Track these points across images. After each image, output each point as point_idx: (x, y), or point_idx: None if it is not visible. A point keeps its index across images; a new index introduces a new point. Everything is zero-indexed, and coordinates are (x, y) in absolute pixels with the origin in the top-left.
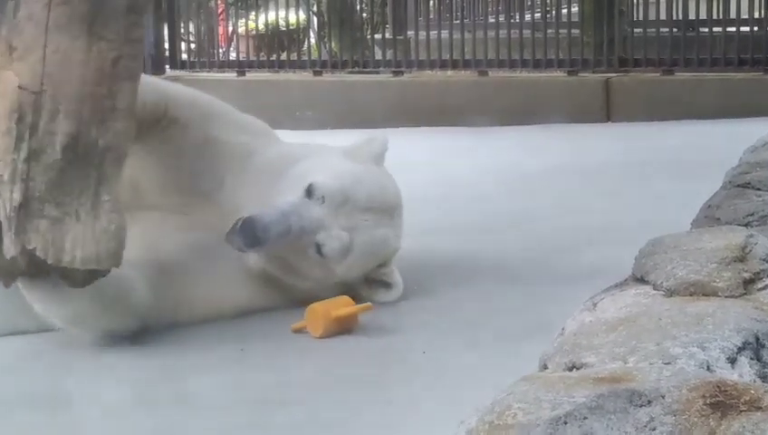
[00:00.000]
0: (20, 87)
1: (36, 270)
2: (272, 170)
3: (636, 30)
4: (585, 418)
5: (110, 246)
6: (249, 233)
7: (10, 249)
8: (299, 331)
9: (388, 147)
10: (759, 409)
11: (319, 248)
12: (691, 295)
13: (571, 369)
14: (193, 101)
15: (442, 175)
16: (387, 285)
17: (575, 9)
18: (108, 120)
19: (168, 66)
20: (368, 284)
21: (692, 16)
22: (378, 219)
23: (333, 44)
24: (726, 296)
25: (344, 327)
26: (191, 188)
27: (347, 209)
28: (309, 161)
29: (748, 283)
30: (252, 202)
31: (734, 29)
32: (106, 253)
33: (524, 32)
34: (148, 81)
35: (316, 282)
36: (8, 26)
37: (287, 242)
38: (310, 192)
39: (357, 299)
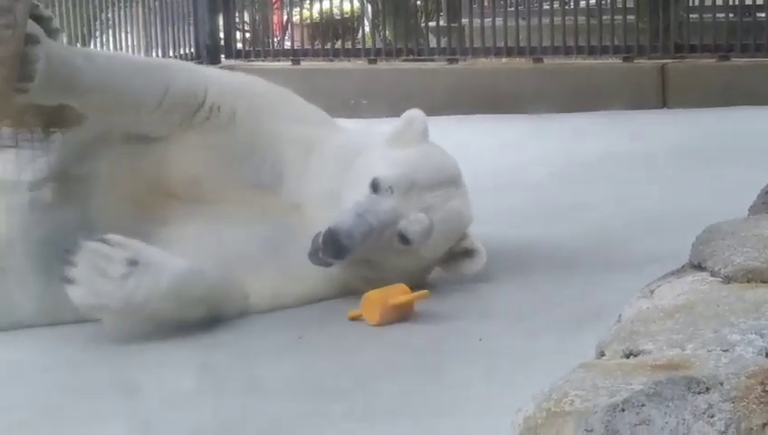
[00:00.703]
0: None
1: None
2: (333, 164)
3: (692, 15)
4: (643, 405)
5: None
6: (334, 245)
7: None
8: (355, 319)
9: (427, 123)
10: None
11: (402, 237)
12: (749, 282)
13: (628, 356)
14: (241, 88)
15: (497, 163)
16: (470, 255)
17: None
18: None
19: (223, 56)
20: (452, 259)
21: (748, 1)
22: (446, 193)
23: (388, 32)
24: None
25: (401, 315)
26: (250, 181)
27: (416, 192)
28: (363, 158)
29: None
30: (316, 198)
31: None
32: None
33: (579, 18)
34: (180, 66)
35: (406, 271)
36: None
37: (371, 241)
38: (376, 187)
39: (414, 287)
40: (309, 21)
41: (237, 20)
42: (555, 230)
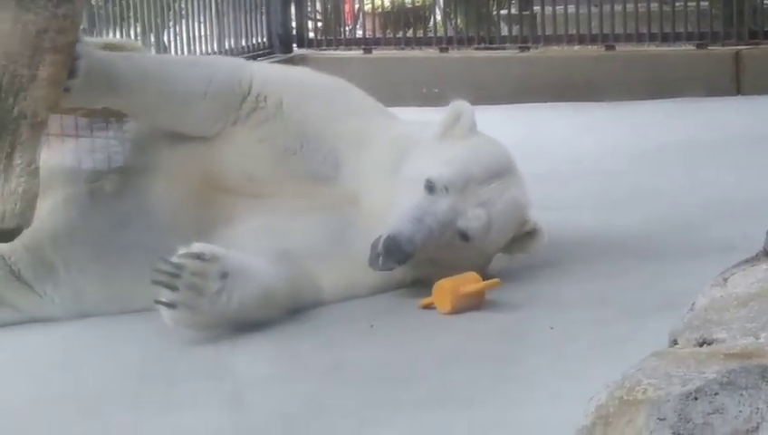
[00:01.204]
0: None
1: None
2: (387, 157)
3: (766, 1)
4: (716, 394)
5: (17, 208)
6: (395, 251)
7: None
8: (427, 307)
9: (474, 114)
10: None
11: (463, 235)
12: None
13: (701, 344)
14: (286, 79)
15: (569, 151)
16: (532, 235)
17: None
18: (27, 89)
19: (294, 45)
20: (515, 243)
21: None
22: (501, 184)
23: (459, 21)
24: None
25: (472, 303)
26: (305, 173)
27: (471, 189)
28: (414, 156)
29: None
30: (371, 191)
31: None
32: (11, 213)
33: (652, 4)
34: (222, 60)
35: (464, 263)
36: None
37: (434, 242)
38: (431, 188)
39: (486, 275)
40: (380, 10)
41: (309, 9)
42: (628, 217)
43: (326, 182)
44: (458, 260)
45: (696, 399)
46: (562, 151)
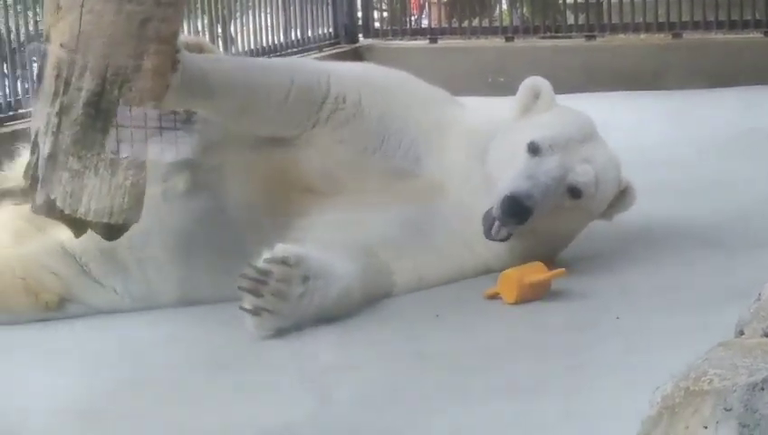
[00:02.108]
0: (61, 45)
1: (56, 218)
2: (471, 142)
3: None
4: None
5: (124, 202)
6: (516, 208)
7: (39, 197)
8: (492, 297)
9: (552, 90)
10: None
11: (574, 190)
12: None
13: None
14: (361, 77)
15: (639, 139)
16: (625, 194)
17: None
18: (132, 80)
19: (360, 35)
20: (613, 203)
21: None
22: (597, 144)
23: (525, 10)
24: None
25: (537, 293)
26: (387, 168)
27: (574, 146)
28: (506, 130)
29: None
30: (458, 177)
31: None
32: (119, 208)
33: None
34: (301, 62)
35: (572, 229)
36: None
37: (550, 200)
38: (536, 150)
39: (551, 265)
40: None
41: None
42: (696, 207)
43: (407, 176)
44: (566, 226)
45: (763, 389)
46: (629, 141)
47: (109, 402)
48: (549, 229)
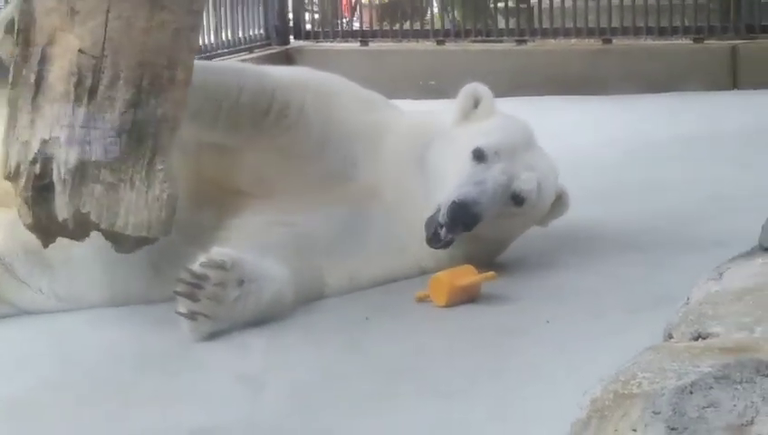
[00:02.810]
0: (80, 50)
1: (83, 232)
2: (408, 146)
3: None
4: (711, 387)
5: (161, 215)
6: (463, 215)
7: (62, 211)
8: (423, 300)
9: (493, 97)
10: None
11: (517, 198)
12: None
13: (696, 338)
14: (304, 83)
15: (567, 144)
16: (560, 200)
17: None
18: (166, 90)
19: (292, 37)
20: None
21: None
22: (535, 151)
23: (456, 13)
24: None
25: (467, 296)
26: (324, 172)
27: (517, 154)
28: (446, 137)
29: None
30: (393, 181)
31: None
32: (157, 221)
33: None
34: (247, 68)
35: (512, 236)
36: None
37: (496, 206)
38: (480, 156)
39: (480, 267)
40: (377, 2)
41: (306, 1)
42: (624, 211)
43: (343, 179)
44: (508, 231)
45: (691, 393)
46: (558, 145)
47: (33, 401)
48: (489, 235)
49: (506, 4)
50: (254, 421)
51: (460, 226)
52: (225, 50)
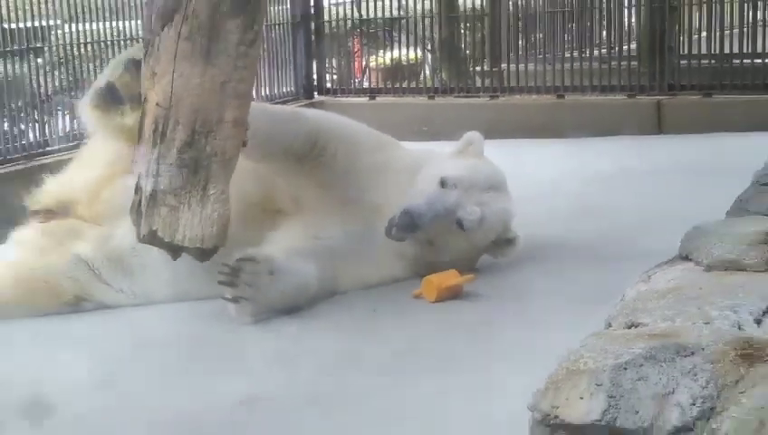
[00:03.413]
0: (157, 104)
1: (158, 245)
2: (405, 175)
3: (682, 61)
4: (641, 365)
5: (212, 230)
6: (408, 222)
7: (143, 228)
8: (417, 297)
9: (483, 142)
10: None
11: (460, 223)
12: (726, 270)
13: (630, 327)
14: (341, 133)
15: (530, 177)
16: (511, 242)
17: (633, 45)
18: (216, 130)
19: (316, 93)
20: (497, 246)
21: (727, 50)
22: (496, 195)
23: (444, 75)
24: (754, 271)
25: (453, 294)
26: (342, 196)
27: (474, 191)
28: (433, 164)
29: None
30: (392, 199)
31: (760, 61)
32: (209, 235)
33: (593, 64)
34: (307, 114)
35: (456, 253)
36: (153, 57)
37: (436, 223)
38: (443, 183)
39: (464, 272)
40: (383, 66)
41: (327, 65)
42: (577, 229)
43: (356, 202)
44: (451, 247)
45: (626, 369)
46: (525, 178)
47: (115, 373)
48: (441, 246)
49: (482, 68)
50: (290, 391)
51: (403, 228)
52: (265, 103)
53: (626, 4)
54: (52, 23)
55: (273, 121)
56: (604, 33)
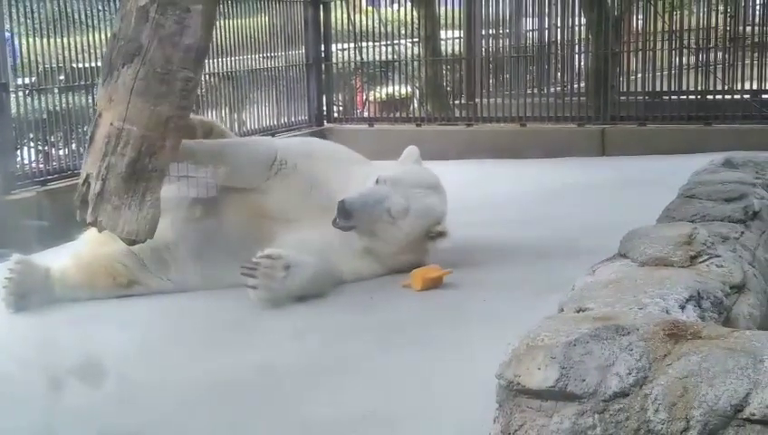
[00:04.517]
0: (111, 123)
1: (99, 231)
2: (364, 183)
3: (622, 97)
4: (587, 342)
5: (146, 228)
6: (341, 209)
7: (89, 217)
8: (406, 286)
9: (419, 153)
10: (699, 337)
11: (389, 212)
12: (656, 266)
13: (578, 311)
14: (298, 151)
15: (496, 188)
16: (442, 235)
17: (583, 84)
18: (157, 153)
19: (325, 121)
20: (430, 238)
21: (658, 88)
22: (424, 193)
23: (429, 107)
24: (679, 266)
25: (435, 284)
26: (318, 204)
27: (402, 187)
28: (377, 171)
29: (693, 258)
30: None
31: (684, 97)
32: (143, 231)
33: (550, 98)
34: (263, 141)
35: (393, 241)
36: (111, 86)
37: (369, 211)
38: (377, 181)
39: (442, 266)
40: (379, 99)
41: (334, 98)
42: (534, 232)
43: (327, 210)
44: (384, 235)
45: (575, 345)
46: (492, 189)
47: (154, 345)
48: (382, 234)
49: (460, 101)
50: (302, 362)
51: (340, 216)
52: (284, 129)
53: (576, 51)
54: None
55: (236, 154)
56: (559, 73)
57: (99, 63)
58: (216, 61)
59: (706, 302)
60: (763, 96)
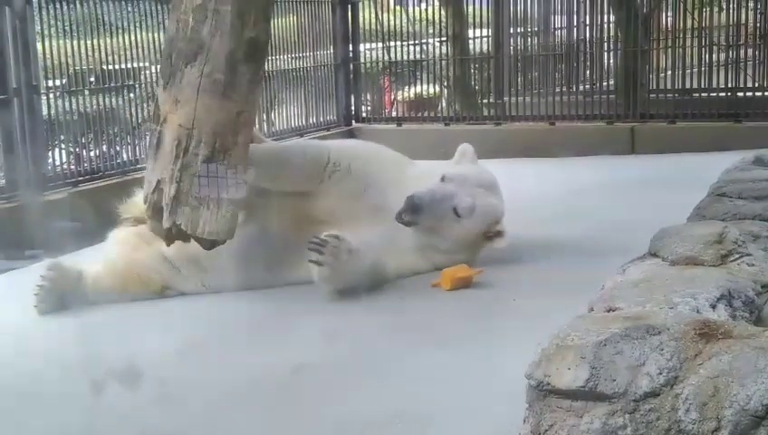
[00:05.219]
0: (180, 125)
1: (180, 237)
2: (416, 182)
3: (651, 95)
4: (618, 342)
5: (226, 227)
6: (411, 204)
7: (166, 222)
8: (436, 286)
9: (473, 151)
10: (730, 337)
11: (455, 210)
12: (686, 265)
13: (608, 311)
14: (350, 153)
15: (528, 187)
16: (500, 235)
17: (612, 82)
18: (230, 150)
19: (354, 121)
20: (487, 238)
21: (687, 86)
22: (486, 191)
23: (457, 106)
24: (709, 266)
25: (465, 284)
26: (369, 205)
27: (468, 186)
28: (437, 169)
29: (724, 257)
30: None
31: (714, 94)
32: (223, 230)
33: (579, 97)
34: (310, 143)
35: (455, 239)
36: (176, 87)
37: (436, 208)
38: (443, 179)
39: (474, 266)
40: (407, 99)
41: (363, 99)
42: (566, 229)
43: (380, 209)
44: (448, 233)
45: (605, 345)
46: (524, 187)
47: (193, 342)
48: (443, 231)
49: (488, 100)
50: (334, 360)
51: (409, 211)
52: (313, 129)
53: (605, 48)
54: (140, 64)
55: (289, 158)
56: (588, 71)
57: (128, 65)
58: None
59: (737, 301)
60: None
